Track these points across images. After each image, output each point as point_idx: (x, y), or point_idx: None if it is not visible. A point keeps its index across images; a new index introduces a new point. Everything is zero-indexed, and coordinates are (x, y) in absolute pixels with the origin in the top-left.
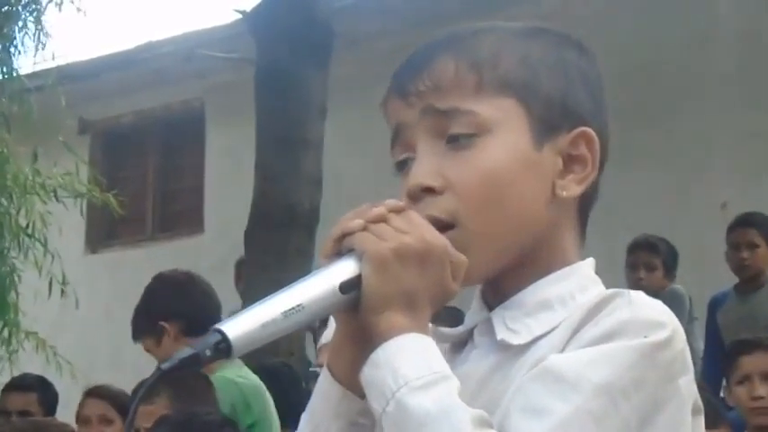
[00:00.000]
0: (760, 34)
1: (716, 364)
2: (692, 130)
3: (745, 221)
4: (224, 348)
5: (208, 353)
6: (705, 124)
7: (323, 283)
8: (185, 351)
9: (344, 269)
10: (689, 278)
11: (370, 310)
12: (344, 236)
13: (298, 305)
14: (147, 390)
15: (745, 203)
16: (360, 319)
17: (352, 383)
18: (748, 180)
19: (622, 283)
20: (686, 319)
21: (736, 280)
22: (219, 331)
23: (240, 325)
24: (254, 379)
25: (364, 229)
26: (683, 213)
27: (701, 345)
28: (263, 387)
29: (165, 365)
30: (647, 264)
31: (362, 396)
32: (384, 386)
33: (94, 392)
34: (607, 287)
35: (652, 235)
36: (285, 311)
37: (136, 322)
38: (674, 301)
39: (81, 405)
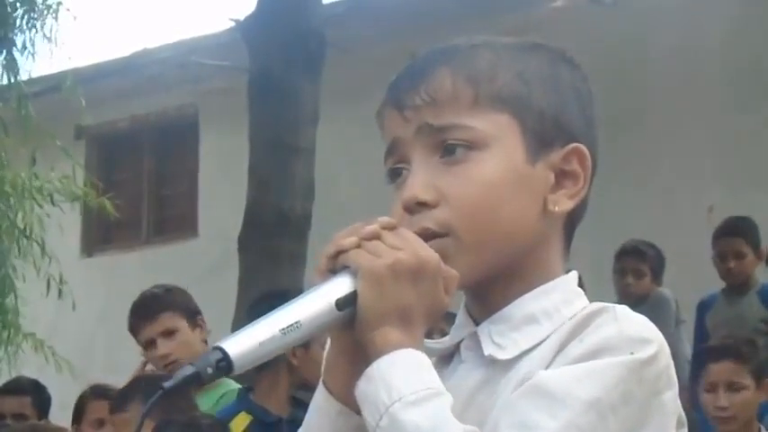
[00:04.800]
0: (745, 39)
1: None
2: (678, 135)
3: (730, 230)
4: (224, 366)
5: (209, 371)
6: (692, 129)
7: (319, 300)
8: (187, 369)
9: (340, 286)
10: (676, 281)
11: (365, 326)
12: (339, 253)
13: (295, 322)
14: (149, 407)
15: (731, 207)
16: (355, 336)
17: (348, 399)
18: (734, 184)
19: (610, 288)
20: (672, 323)
21: (723, 283)
22: (220, 349)
23: (240, 343)
24: None
25: (358, 246)
26: (670, 217)
27: (687, 348)
28: None
29: (167, 384)
30: (636, 270)
31: (359, 412)
32: (378, 400)
33: (100, 394)
34: (594, 292)
35: (639, 241)
36: (283, 329)
37: None
38: (660, 305)
39: (90, 408)
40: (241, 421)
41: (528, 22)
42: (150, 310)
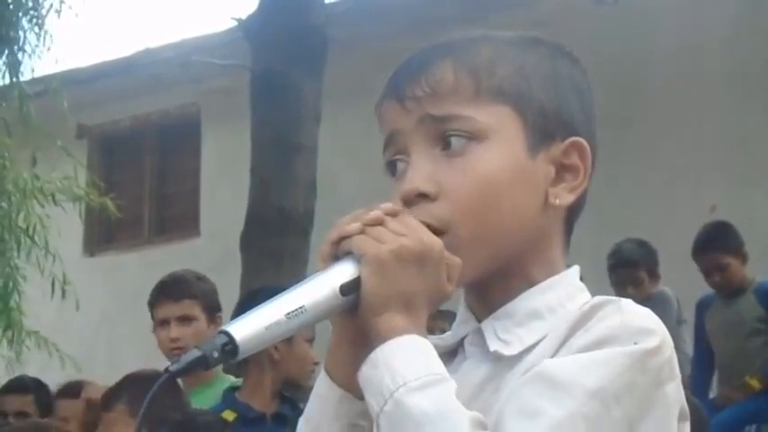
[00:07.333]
0: (746, 38)
1: (704, 367)
2: (680, 133)
3: (705, 246)
4: (230, 350)
5: (215, 354)
6: (693, 127)
7: (323, 285)
8: (193, 353)
9: (344, 272)
10: (678, 281)
11: (369, 312)
12: (342, 239)
13: (300, 307)
14: (155, 390)
15: (733, 206)
16: (358, 322)
17: (350, 386)
18: (736, 183)
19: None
20: (674, 322)
21: None
22: (226, 333)
23: (246, 327)
24: None
25: (362, 232)
26: (672, 216)
27: (690, 348)
28: None
29: (172, 368)
30: (633, 280)
31: (362, 398)
32: (382, 385)
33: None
34: (596, 290)
35: (628, 245)
36: (288, 313)
37: None
38: (662, 304)
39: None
40: (226, 419)
41: (530, 22)
42: (175, 290)
